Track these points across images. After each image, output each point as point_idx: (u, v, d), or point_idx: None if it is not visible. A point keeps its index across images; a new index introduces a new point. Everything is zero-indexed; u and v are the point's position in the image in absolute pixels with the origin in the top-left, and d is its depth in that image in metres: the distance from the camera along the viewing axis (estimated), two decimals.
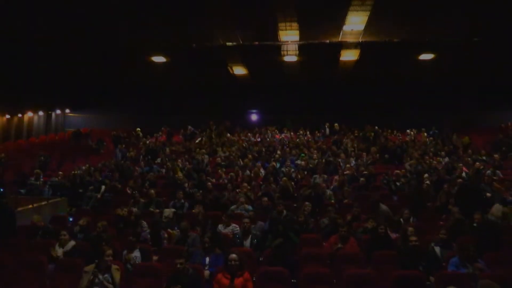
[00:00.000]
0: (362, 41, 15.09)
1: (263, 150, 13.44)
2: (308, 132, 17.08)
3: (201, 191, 8.97)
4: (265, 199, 8.30)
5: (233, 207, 8.38)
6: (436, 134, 15.45)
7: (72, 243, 5.91)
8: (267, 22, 14.03)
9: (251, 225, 6.70)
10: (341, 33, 14.63)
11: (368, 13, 12.78)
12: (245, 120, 19.45)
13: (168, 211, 8.07)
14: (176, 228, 6.97)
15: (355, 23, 13.74)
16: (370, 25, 13.65)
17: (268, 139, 15.81)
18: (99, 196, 9.46)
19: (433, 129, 15.94)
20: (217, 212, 8.11)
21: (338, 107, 18.84)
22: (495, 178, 9.47)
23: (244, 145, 14.19)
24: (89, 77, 18.54)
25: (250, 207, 8.35)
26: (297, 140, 15.54)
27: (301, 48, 15.73)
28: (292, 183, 9.83)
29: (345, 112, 18.40)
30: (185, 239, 6.06)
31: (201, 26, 14.26)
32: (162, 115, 19.19)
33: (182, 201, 8.56)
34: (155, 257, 5.92)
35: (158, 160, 12.72)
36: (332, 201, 8.87)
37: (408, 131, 16.52)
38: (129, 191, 9.73)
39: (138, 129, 17.24)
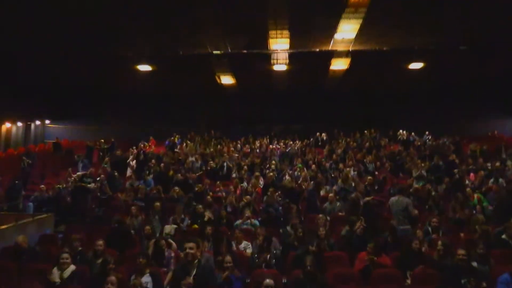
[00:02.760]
0: (352, 50, 14.99)
1: (257, 161, 12.98)
2: (298, 142, 16.78)
3: (201, 205, 8.39)
4: (272, 209, 7.88)
5: (238, 222, 7.88)
6: (430, 140, 15.44)
7: (72, 267, 5.22)
8: (258, 30, 13.78)
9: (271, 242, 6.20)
10: (332, 42, 14.49)
11: (360, 20, 12.67)
12: (232, 130, 19.00)
13: (169, 228, 7.50)
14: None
15: (347, 31, 13.63)
16: (361, 34, 13.56)
17: (258, 150, 15.39)
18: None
19: (426, 135, 15.95)
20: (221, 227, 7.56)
21: (327, 117, 18.68)
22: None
23: (236, 155, 13.71)
24: (70, 87, 17.83)
25: (257, 222, 7.87)
26: (288, 150, 15.19)
27: (291, 57, 15.52)
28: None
29: (334, 122, 18.23)
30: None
31: (189, 34, 13.92)
32: (146, 125, 18.56)
33: (183, 216, 8.03)
34: None
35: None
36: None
37: (401, 131, 16.44)
38: (122, 205, 9.11)
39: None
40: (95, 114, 19.57)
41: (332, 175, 11.35)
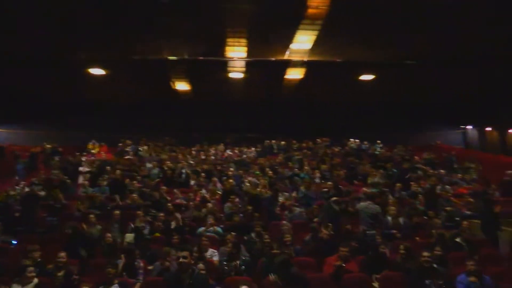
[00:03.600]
0: (307, 60, 15.37)
1: (218, 167, 12.86)
2: (253, 149, 16.87)
3: (161, 214, 8.18)
4: (236, 218, 7.85)
5: (201, 229, 7.75)
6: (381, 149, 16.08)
7: (35, 281, 4.90)
8: (215, 37, 13.80)
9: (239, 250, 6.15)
10: (288, 52, 14.79)
11: (316, 32, 13.07)
12: (186, 137, 18.72)
13: (130, 236, 7.25)
14: (149, 254, 6.20)
15: (303, 42, 13.98)
16: (316, 45, 13.95)
17: (213, 157, 15.28)
18: None
19: (377, 144, 16.63)
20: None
21: (282, 125, 18.94)
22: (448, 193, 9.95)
23: (190, 162, 13.49)
24: (16, 89, 16.81)
25: (220, 229, 7.79)
26: (244, 156, 15.23)
27: (248, 65, 15.66)
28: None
29: (288, 130, 18.52)
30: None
31: (146, 39, 13.67)
32: (96, 131, 17.81)
33: (143, 224, 7.78)
34: None
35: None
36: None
37: (352, 139, 17.01)
38: (77, 214, 8.66)
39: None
40: (43, 119, 18.51)
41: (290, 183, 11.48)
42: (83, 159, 13.67)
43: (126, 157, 14.67)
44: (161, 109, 18.94)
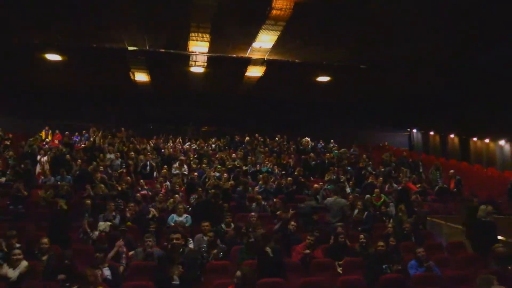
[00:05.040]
0: (268, 59, 15.88)
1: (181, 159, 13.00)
2: (212, 142, 17.14)
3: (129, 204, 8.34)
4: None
5: (174, 217, 7.97)
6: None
7: (24, 263, 5.00)
8: (179, 30, 13.90)
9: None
10: (249, 49, 15.18)
11: (278, 33, 13.57)
12: (142, 129, 18.61)
13: (104, 225, 7.38)
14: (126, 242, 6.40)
15: (265, 41, 14.44)
16: (277, 45, 14.48)
17: (172, 149, 15.34)
18: None
19: (331, 143, 17.52)
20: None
21: (240, 120, 19.38)
22: None
23: (152, 155, 13.54)
24: None
25: (189, 218, 8.12)
26: (204, 150, 15.47)
27: (209, 60, 15.88)
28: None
29: (246, 126, 18.98)
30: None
31: (106, 26, 13.49)
32: (49, 119, 17.25)
33: (114, 213, 7.93)
34: None
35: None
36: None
37: (306, 138, 17.76)
38: (43, 203, 8.57)
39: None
40: None
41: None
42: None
43: (82, 146, 14.48)
44: (118, 99, 18.71)
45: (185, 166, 12.38)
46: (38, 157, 11.87)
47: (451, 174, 11.77)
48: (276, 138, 17.42)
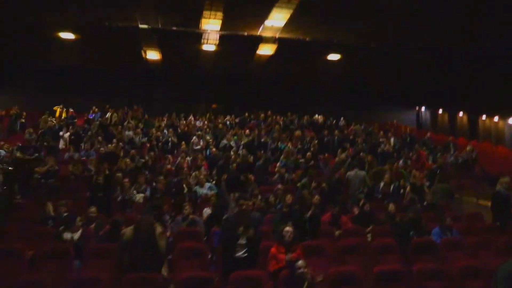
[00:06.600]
0: (279, 37, 15.95)
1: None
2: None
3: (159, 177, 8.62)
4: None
5: (199, 189, 8.32)
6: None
7: (81, 230, 5.35)
8: (192, 8, 13.96)
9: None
10: (261, 27, 15.26)
11: (291, 11, 13.65)
12: (153, 107, 18.77)
13: (138, 196, 7.72)
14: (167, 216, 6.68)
15: (277, 19, 14.51)
16: (289, 23, 14.55)
17: (186, 127, 15.52)
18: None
19: (341, 120, 17.81)
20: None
21: (250, 99, 19.52)
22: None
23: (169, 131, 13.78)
24: None
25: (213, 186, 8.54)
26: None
27: (221, 38, 15.95)
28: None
29: (256, 104, 19.15)
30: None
31: (119, 5, 13.55)
32: (62, 98, 17.40)
33: (144, 186, 8.22)
34: None
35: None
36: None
37: (316, 115, 18.05)
38: (72, 177, 8.85)
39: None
40: (7, 83, 17.76)
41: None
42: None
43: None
44: (129, 78, 18.83)
45: (202, 142, 12.64)
46: (61, 133, 12.11)
47: (468, 150, 11.99)
48: (288, 114, 17.65)
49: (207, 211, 7.16)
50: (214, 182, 9.14)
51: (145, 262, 4.25)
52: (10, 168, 8.55)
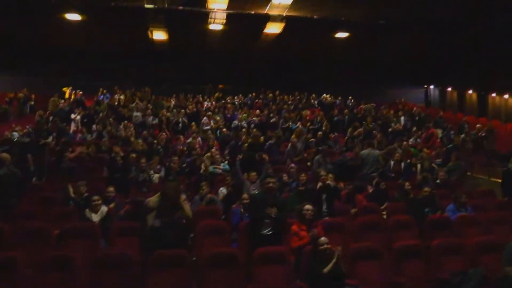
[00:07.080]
0: (286, 15, 15.78)
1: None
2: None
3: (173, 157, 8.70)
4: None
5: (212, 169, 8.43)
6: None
7: (104, 208, 5.46)
8: None
9: None
10: (268, 5, 15.07)
11: None
12: (159, 88, 18.74)
13: (155, 176, 7.85)
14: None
15: None
16: (297, 0, 14.36)
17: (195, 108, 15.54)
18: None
19: (349, 99, 17.77)
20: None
21: (257, 78, 19.48)
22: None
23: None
24: None
25: (227, 166, 8.65)
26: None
27: (228, 17, 15.80)
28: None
29: (263, 84, 19.12)
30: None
31: None
32: (69, 79, 17.42)
33: (158, 166, 8.31)
34: None
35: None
36: None
37: (324, 95, 18.03)
38: (87, 158, 8.94)
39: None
40: (14, 65, 17.75)
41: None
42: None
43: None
44: (136, 59, 18.78)
45: (212, 122, 12.70)
46: (72, 115, 12.18)
47: (479, 128, 11.96)
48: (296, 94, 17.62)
49: (222, 190, 7.26)
50: (226, 162, 9.21)
51: (172, 227, 4.40)
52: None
